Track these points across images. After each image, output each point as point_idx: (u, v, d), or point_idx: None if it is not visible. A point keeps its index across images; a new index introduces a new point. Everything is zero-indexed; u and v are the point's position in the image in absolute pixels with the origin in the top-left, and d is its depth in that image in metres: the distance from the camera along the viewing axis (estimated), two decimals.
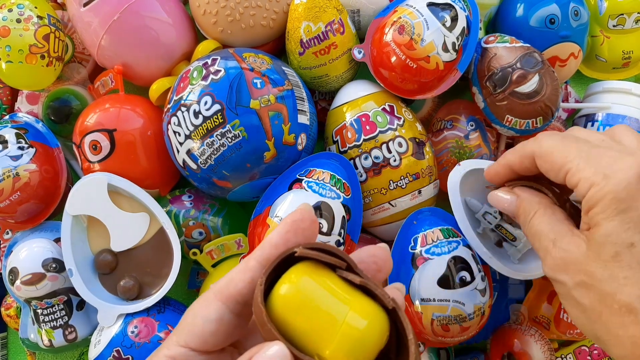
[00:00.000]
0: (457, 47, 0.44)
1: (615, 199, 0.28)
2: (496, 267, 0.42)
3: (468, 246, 0.42)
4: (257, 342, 0.24)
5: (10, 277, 0.45)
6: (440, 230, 0.43)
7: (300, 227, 0.23)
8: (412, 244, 0.43)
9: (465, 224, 0.43)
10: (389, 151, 0.44)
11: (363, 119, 0.45)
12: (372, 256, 0.25)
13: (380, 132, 0.44)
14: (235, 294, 0.23)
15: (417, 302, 0.41)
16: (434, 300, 0.41)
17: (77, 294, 0.45)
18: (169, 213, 0.46)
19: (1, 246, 0.51)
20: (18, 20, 0.45)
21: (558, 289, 0.31)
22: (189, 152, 0.42)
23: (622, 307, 0.27)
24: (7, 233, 0.51)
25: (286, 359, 0.20)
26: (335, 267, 0.23)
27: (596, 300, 0.29)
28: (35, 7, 0.46)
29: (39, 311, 0.46)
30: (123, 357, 0.42)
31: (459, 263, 0.41)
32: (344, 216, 0.41)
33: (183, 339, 0.24)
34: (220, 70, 0.41)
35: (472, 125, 0.48)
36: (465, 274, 0.41)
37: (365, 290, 0.22)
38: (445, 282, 0.41)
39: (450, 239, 0.42)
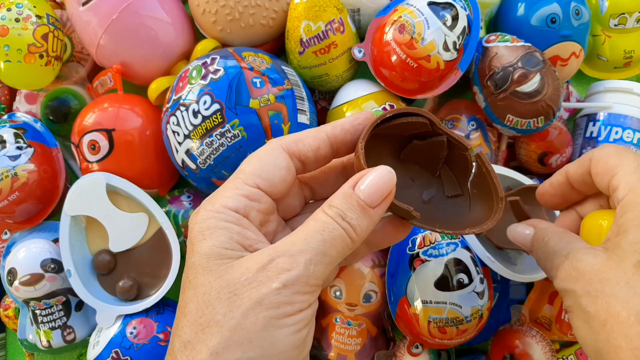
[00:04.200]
0: (457, 47, 0.43)
1: None
2: (497, 270, 0.42)
3: (467, 248, 0.42)
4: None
5: (9, 277, 0.45)
6: None
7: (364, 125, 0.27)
8: (410, 245, 0.42)
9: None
10: None
11: None
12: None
13: None
14: (300, 153, 0.26)
15: (414, 304, 0.41)
16: (431, 302, 0.41)
17: (75, 295, 0.44)
18: (168, 213, 0.46)
19: None
20: (17, 20, 0.45)
21: (566, 301, 0.28)
22: (188, 152, 0.42)
23: (630, 317, 0.25)
24: (6, 233, 0.51)
25: (392, 179, 0.24)
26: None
27: (603, 308, 0.25)
28: (34, 7, 0.46)
29: (38, 312, 0.45)
30: (122, 358, 0.42)
31: (457, 265, 0.41)
32: None
33: (253, 180, 0.25)
34: (219, 70, 0.41)
35: (473, 125, 0.48)
36: (462, 277, 0.41)
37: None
38: (442, 284, 0.40)
39: (449, 240, 0.42)
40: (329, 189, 0.30)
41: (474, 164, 0.28)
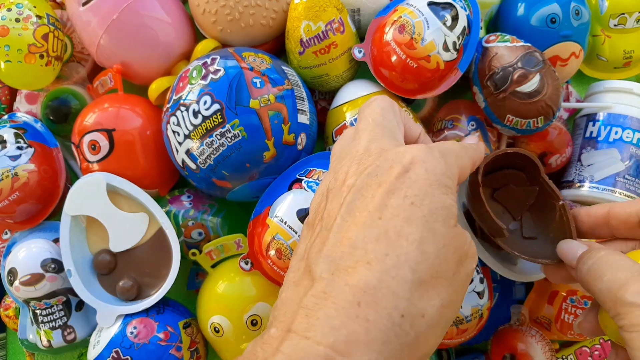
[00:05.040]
0: (457, 47, 0.43)
1: None
2: (497, 270, 0.42)
3: None
4: None
5: (9, 277, 0.45)
6: None
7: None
8: None
9: (464, 225, 0.43)
10: None
11: None
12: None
13: None
14: (459, 168, 0.28)
15: None
16: None
17: (76, 295, 0.44)
18: (168, 213, 0.46)
19: (0, 246, 0.51)
20: (17, 20, 0.45)
21: (635, 318, 0.25)
22: (188, 152, 0.42)
23: None
24: (6, 233, 0.51)
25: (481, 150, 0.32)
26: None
27: None
28: (34, 7, 0.46)
29: (38, 312, 0.45)
30: (122, 357, 0.42)
31: None
32: None
33: (463, 172, 0.29)
34: (219, 70, 0.41)
35: (473, 125, 0.48)
36: None
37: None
38: None
39: None
40: None
41: (557, 212, 0.33)
